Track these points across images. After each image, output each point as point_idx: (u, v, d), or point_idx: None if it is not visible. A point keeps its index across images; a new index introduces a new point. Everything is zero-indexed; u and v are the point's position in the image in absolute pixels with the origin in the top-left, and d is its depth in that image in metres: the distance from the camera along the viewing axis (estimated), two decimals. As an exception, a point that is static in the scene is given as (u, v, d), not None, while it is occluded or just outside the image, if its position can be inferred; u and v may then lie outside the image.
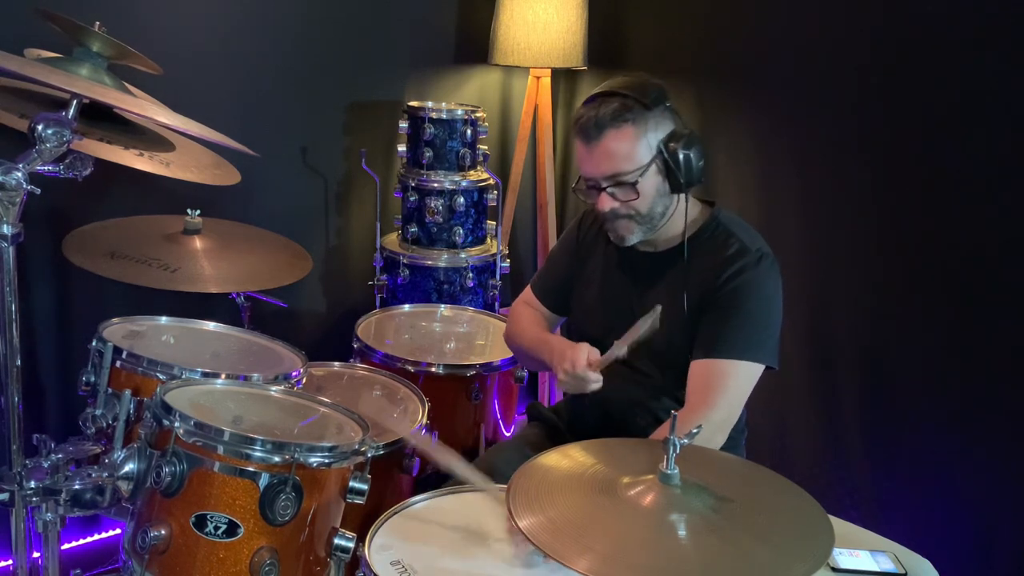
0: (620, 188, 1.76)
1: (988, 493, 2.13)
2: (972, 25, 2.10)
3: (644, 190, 1.76)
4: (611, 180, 1.76)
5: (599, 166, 1.76)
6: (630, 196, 1.76)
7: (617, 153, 1.74)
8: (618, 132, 1.74)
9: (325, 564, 1.52)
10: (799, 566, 1.21)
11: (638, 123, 1.74)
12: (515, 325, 2.06)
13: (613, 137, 1.74)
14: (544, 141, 3.10)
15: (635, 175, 1.75)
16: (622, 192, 1.77)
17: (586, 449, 1.48)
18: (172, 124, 1.67)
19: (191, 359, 1.79)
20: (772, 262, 1.80)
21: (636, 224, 1.80)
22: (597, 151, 1.76)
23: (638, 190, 1.75)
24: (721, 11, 2.76)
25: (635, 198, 1.76)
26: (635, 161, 1.75)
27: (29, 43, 1.98)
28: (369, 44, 2.92)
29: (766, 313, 1.78)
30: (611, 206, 1.78)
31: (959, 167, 2.15)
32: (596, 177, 1.78)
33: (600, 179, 1.77)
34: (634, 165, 1.75)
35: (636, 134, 1.74)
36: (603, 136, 1.74)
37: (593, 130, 1.75)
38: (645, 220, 1.80)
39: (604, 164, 1.76)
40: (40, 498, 1.51)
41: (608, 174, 1.76)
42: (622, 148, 1.74)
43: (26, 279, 2.35)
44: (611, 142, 1.74)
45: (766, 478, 1.44)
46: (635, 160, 1.75)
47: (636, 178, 1.75)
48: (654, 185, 1.77)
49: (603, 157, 1.75)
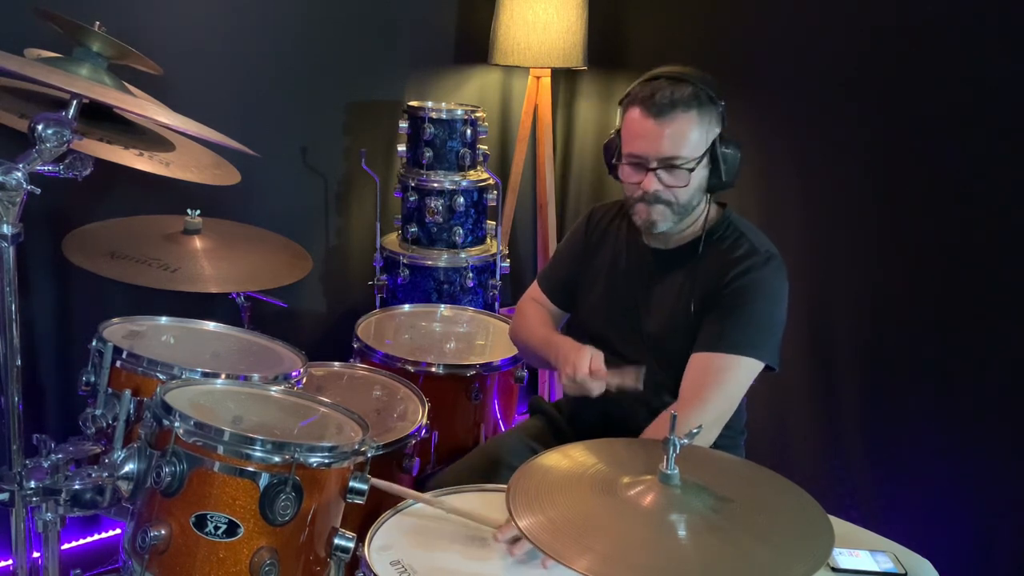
0: (671, 172, 1.76)
1: (988, 493, 2.13)
2: (972, 25, 2.10)
3: (693, 180, 1.77)
4: (666, 162, 1.75)
5: (660, 145, 1.75)
6: (680, 182, 1.76)
7: (682, 137, 1.74)
8: (688, 116, 1.74)
9: (325, 564, 1.52)
10: (799, 566, 1.21)
11: (704, 114, 1.75)
12: (521, 322, 2.06)
13: (683, 120, 1.74)
14: (544, 141, 3.10)
15: (692, 163, 1.75)
16: (671, 177, 1.76)
17: (586, 449, 1.48)
18: (172, 124, 1.67)
19: (191, 359, 1.79)
20: (780, 264, 1.81)
21: (671, 212, 1.80)
22: (664, 127, 1.74)
23: (689, 178, 1.76)
24: (721, 11, 2.76)
25: (684, 185, 1.76)
26: (695, 149, 1.75)
27: (29, 43, 1.98)
28: (369, 44, 2.92)
29: (769, 312, 1.78)
30: (656, 188, 1.77)
31: (959, 167, 2.15)
32: (650, 156, 1.76)
33: (654, 158, 1.76)
34: (693, 153, 1.75)
35: (701, 123, 1.75)
36: (674, 115, 1.73)
37: (667, 107, 1.73)
38: (680, 210, 1.80)
39: (666, 144, 1.74)
40: (40, 498, 1.51)
41: (666, 155, 1.75)
42: (688, 133, 1.74)
43: (26, 279, 2.35)
44: (680, 125, 1.74)
45: (766, 478, 1.44)
46: (696, 148, 1.75)
47: (692, 165, 1.75)
48: (701, 178, 1.78)
49: (667, 137, 1.74)
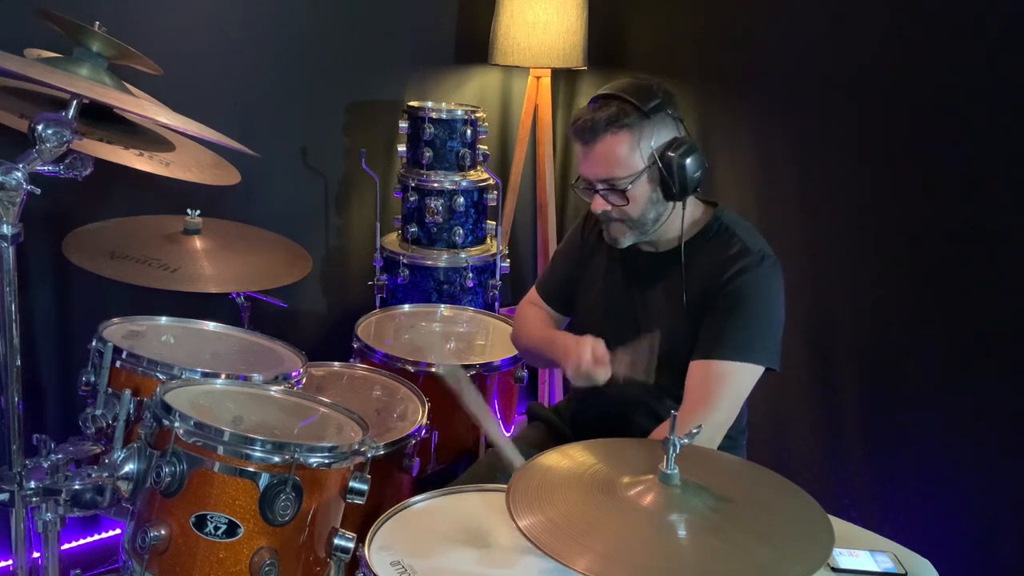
0: (612, 193, 1.78)
1: (988, 493, 2.13)
2: (972, 25, 2.10)
3: (635, 197, 1.77)
4: (604, 184, 1.78)
5: (593, 168, 1.78)
6: (620, 202, 1.78)
7: (610, 159, 1.75)
8: (613, 138, 1.74)
9: (325, 564, 1.52)
10: (799, 566, 1.21)
11: (634, 130, 1.74)
12: (521, 326, 2.06)
13: (608, 142, 1.75)
14: (544, 141, 3.10)
15: (626, 182, 1.75)
16: (613, 197, 1.78)
17: (586, 449, 1.48)
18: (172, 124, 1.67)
19: (191, 359, 1.79)
20: (774, 263, 1.80)
21: (628, 228, 1.82)
22: (592, 154, 1.77)
23: (628, 196, 1.76)
24: (721, 11, 2.76)
25: (625, 204, 1.78)
26: (628, 168, 1.75)
27: (29, 43, 1.98)
28: (369, 44, 2.92)
29: (767, 314, 1.78)
30: (603, 208, 1.80)
31: (960, 167, 2.15)
32: (590, 178, 1.79)
33: (594, 180, 1.79)
34: (626, 172, 1.75)
35: (631, 141, 1.74)
36: (597, 140, 1.75)
37: (588, 133, 1.76)
38: (636, 225, 1.81)
39: (598, 167, 1.77)
40: (40, 498, 1.51)
41: (601, 177, 1.77)
42: (616, 154, 1.75)
43: (26, 279, 2.35)
44: (605, 147, 1.75)
45: (766, 478, 1.44)
46: (628, 167, 1.75)
47: (627, 185, 1.76)
48: (645, 193, 1.78)
49: (597, 161, 1.76)
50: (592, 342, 1.74)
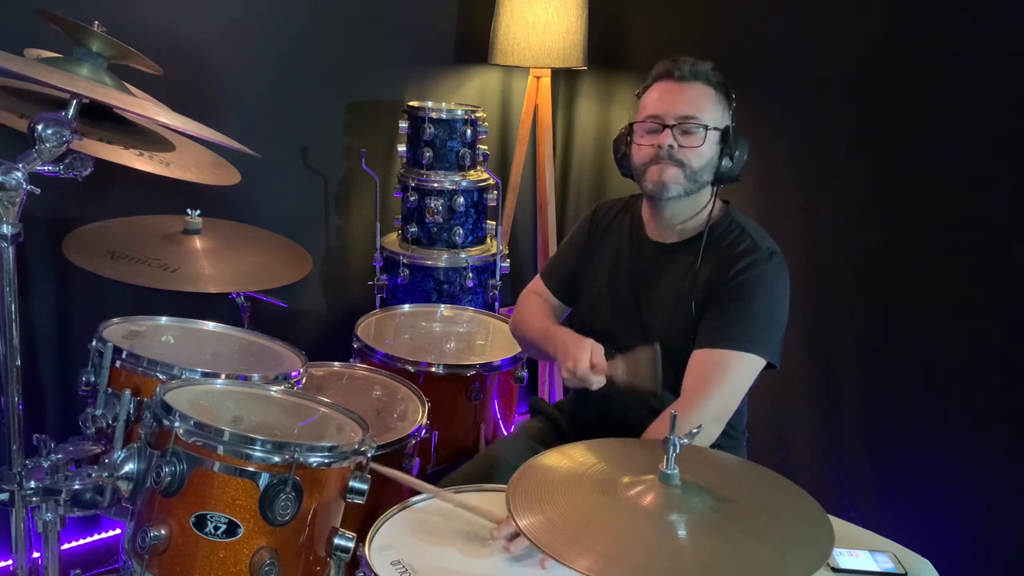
0: (687, 134, 1.81)
1: (988, 493, 2.13)
2: (973, 25, 2.10)
3: (706, 146, 1.81)
4: (685, 120, 1.81)
5: (678, 104, 1.82)
6: (695, 142, 1.81)
7: (701, 101, 1.82)
8: (707, 89, 1.84)
9: (325, 564, 1.52)
10: (799, 566, 1.21)
11: (719, 95, 1.85)
12: (522, 314, 2.07)
13: (701, 88, 1.84)
14: (544, 141, 3.10)
15: (709, 124, 1.81)
16: (686, 137, 1.81)
17: (586, 449, 1.48)
18: (172, 124, 1.67)
19: (191, 359, 1.79)
20: (781, 261, 1.81)
21: (683, 176, 1.82)
22: (683, 91, 1.83)
23: (705, 137, 1.80)
24: (721, 11, 2.76)
25: (699, 145, 1.81)
26: (712, 117, 1.82)
27: (29, 43, 1.97)
28: (369, 44, 2.92)
29: (771, 309, 1.79)
30: (670, 142, 1.81)
31: (960, 167, 2.15)
32: (668, 114, 1.82)
33: (672, 117, 1.81)
34: (710, 119, 1.82)
35: (717, 101, 1.85)
36: (695, 81, 1.83)
37: (688, 73, 1.83)
38: (690, 177, 1.82)
39: (685, 104, 1.82)
40: (40, 498, 1.51)
41: (686, 114, 1.81)
42: (707, 100, 1.83)
43: (26, 279, 2.35)
44: (698, 91, 1.83)
45: (766, 478, 1.44)
46: (712, 117, 1.82)
47: (705, 130, 1.80)
48: (712, 151, 1.83)
49: (686, 98, 1.82)
50: (592, 347, 1.73)
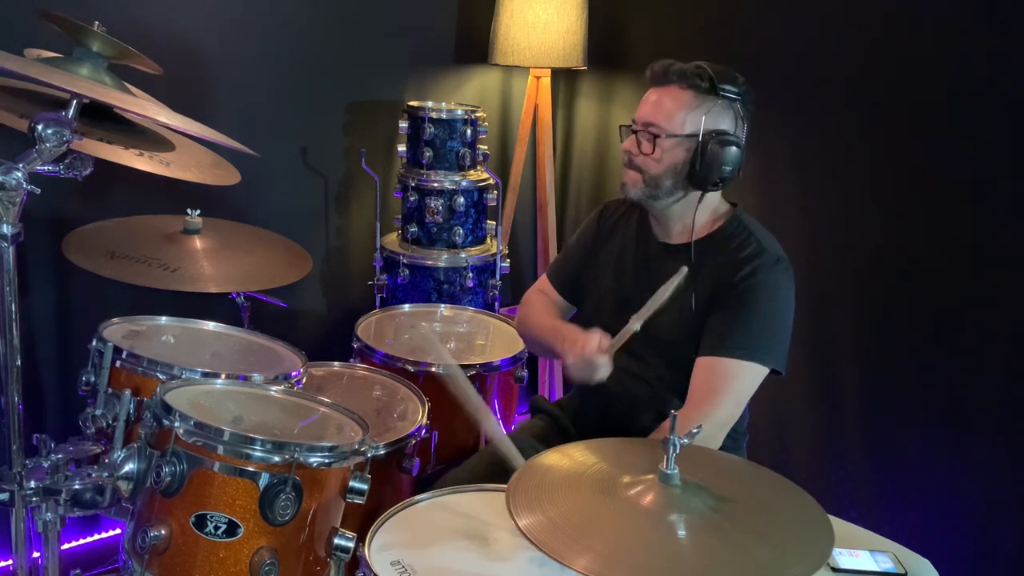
0: (646, 140, 1.81)
1: (988, 493, 2.13)
2: (973, 25, 2.10)
3: (662, 154, 1.80)
4: (644, 127, 1.81)
5: (643, 109, 1.83)
6: (647, 150, 1.81)
7: (661, 107, 1.80)
8: (676, 91, 1.80)
9: (325, 564, 1.52)
10: (799, 566, 1.21)
11: (697, 96, 1.78)
12: (527, 311, 2.08)
13: (670, 92, 1.80)
14: (544, 141, 3.10)
15: (662, 135, 1.79)
16: (645, 144, 1.81)
17: (586, 448, 1.48)
18: (172, 124, 1.67)
19: (191, 359, 1.79)
20: (787, 267, 1.81)
21: (641, 182, 1.83)
22: (652, 96, 1.82)
23: (656, 147, 1.79)
24: (721, 11, 2.76)
25: (650, 153, 1.80)
26: (671, 124, 1.79)
27: (29, 43, 1.97)
28: (369, 44, 2.92)
29: (776, 316, 1.78)
30: (629, 148, 1.83)
31: (959, 167, 2.15)
32: (638, 119, 1.83)
33: (638, 122, 1.83)
34: (668, 126, 1.79)
35: (689, 104, 1.78)
36: (666, 86, 1.81)
37: (660, 76, 1.82)
38: (649, 183, 1.82)
39: (647, 109, 1.82)
40: (40, 498, 1.51)
41: (645, 120, 1.82)
42: (668, 106, 1.80)
43: (26, 279, 2.35)
44: (664, 95, 1.81)
45: (766, 478, 1.44)
46: (672, 123, 1.79)
47: (667, 134, 1.79)
48: (673, 158, 1.80)
49: (650, 104, 1.82)
50: (600, 335, 1.75)
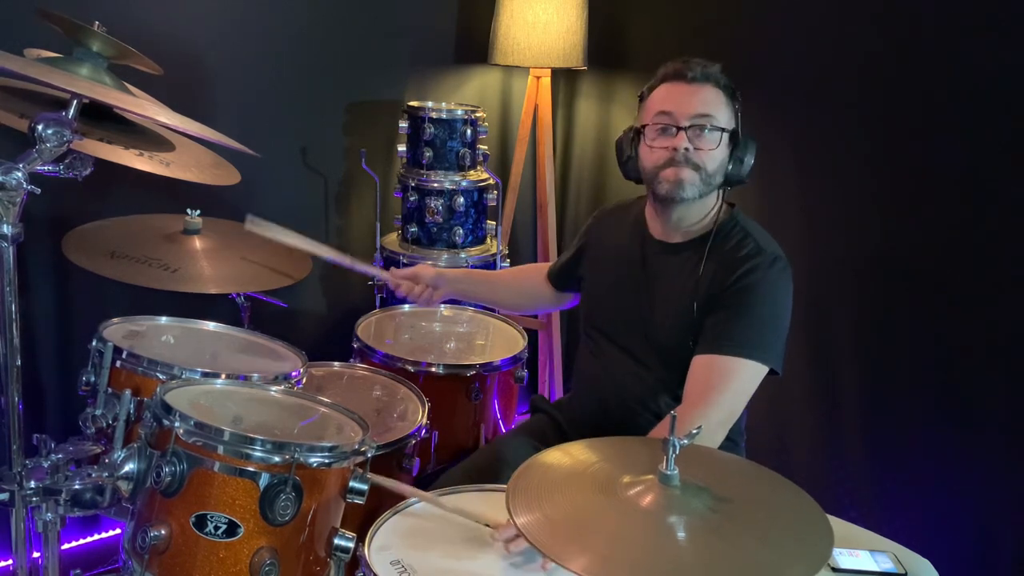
0: (701, 136, 1.79)
1: (988, 493, 2.13)
2: (972, 25, 2.10)
3: (720, 148, 1.80)
4: (701, 119, 1.79)
5: (692, 104, 1.79)
6: (709, 145, 1.79)
7: (714, 101, 1.80)
8: (716, 89, 1.81)
9: (325, 564, 1.52)
10: (799, 566, 1.21)
11: (728, 99, 1.82)
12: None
13: (713, 91, 1.81)
14: (544, 141, 3.10)
15: (720, 127, 1.79)
16: (701, 140, 1.79)
17: (586, 448, 1.48)
18: (172, 124, 1.67)
19: (191, 359, 1.79)
20: (785, 266, 1.81)
21: (699, 179, 1.80)
22: (698, 92, 1.80)
23: (720, 139, 1.79)
24: (721, 11, 2.76)
25: (714, 147, 1.79)
26: (725, 119, 1.81)
27: (29, 43, 1.97)
28: (369, 44, 2.92)
29: (774, 315, 1.78)
30: (686, 145, 1.79)
31: (959, 167, 2.15)
32: (682, 114, 1.79)
33: (685, 117, 1.79)
34: (724, 120, 1.80)
35: (726, 104, 1.82)
36: (707, 83, 1.81)
37: (700, 77, 1.80)
38: (705, 180, 1.81)
39: (698, 104, 1.79)
40: (40, 498, 1.51)
41: (703, 112, 1.79)
42: (718, 102, 1.80)
43: (26, 279, 2.35)
44: (710, 92, 1.81)
45: (766, 478, 1.44)
46: (723, 119, 1.81)
47: (721, 131, 1.79)
48: (723, 153, 1.81)
49: (700, 99, 1.80)
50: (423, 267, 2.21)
